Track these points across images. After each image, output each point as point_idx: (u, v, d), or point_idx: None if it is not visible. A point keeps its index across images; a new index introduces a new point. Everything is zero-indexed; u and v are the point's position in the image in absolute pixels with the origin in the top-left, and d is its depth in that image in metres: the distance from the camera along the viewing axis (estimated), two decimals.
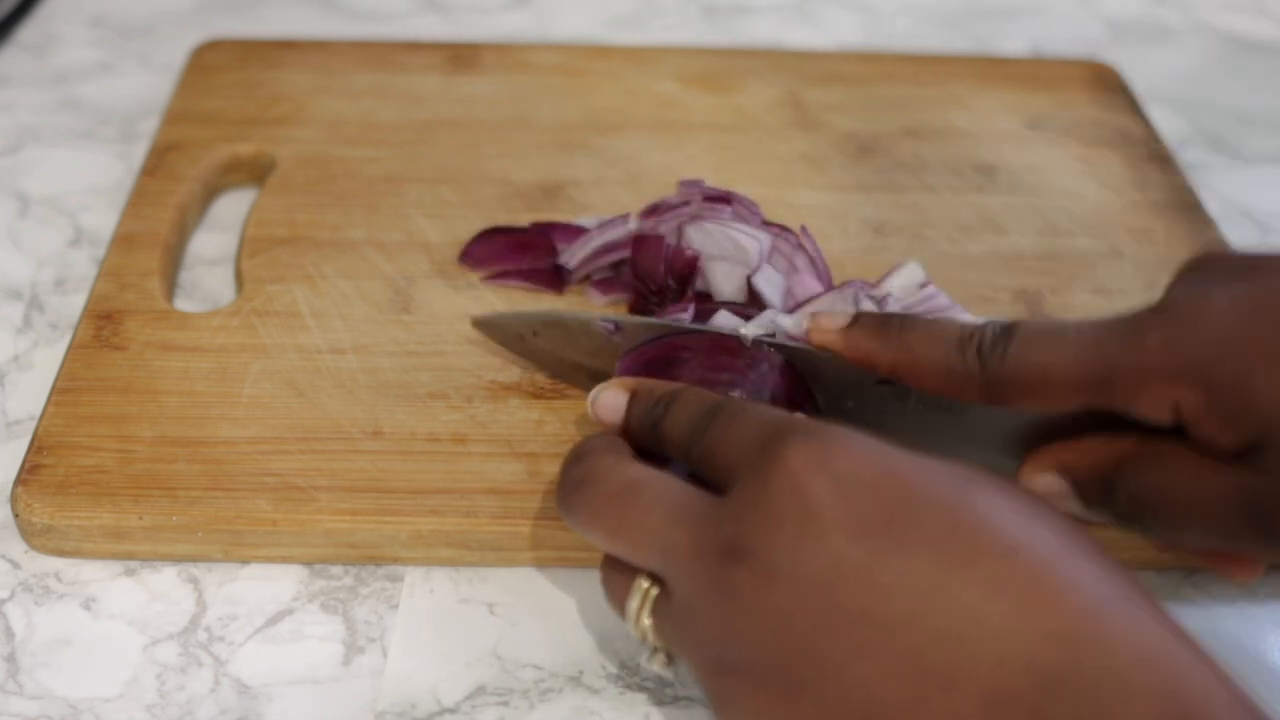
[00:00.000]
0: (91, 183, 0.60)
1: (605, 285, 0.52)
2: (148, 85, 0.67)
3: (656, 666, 0.37)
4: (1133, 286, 0.54)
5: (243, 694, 0.40)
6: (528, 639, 0.42)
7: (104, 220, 0.57)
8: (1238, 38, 0.76)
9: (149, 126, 0.63)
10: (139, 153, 0.61)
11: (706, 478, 0.37)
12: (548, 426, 0.46)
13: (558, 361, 0.47)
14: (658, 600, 0.36)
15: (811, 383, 0.44)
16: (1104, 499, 0.39)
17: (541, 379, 0.48)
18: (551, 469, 0.44)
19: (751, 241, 0.50)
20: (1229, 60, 0.74)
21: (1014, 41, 0.74)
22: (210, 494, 0.43)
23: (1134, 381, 0.37)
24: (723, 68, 0.66)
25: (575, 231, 0.53)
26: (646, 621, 0.36)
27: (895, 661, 0.30)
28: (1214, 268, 0.38)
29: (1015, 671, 0.29)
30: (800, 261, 0.50)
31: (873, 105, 0.64)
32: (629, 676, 0.41)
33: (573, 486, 0.38)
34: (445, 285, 0.52)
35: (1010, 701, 0.29)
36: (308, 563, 0.44)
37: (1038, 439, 0.41)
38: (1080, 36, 0.75)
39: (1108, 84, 0.66)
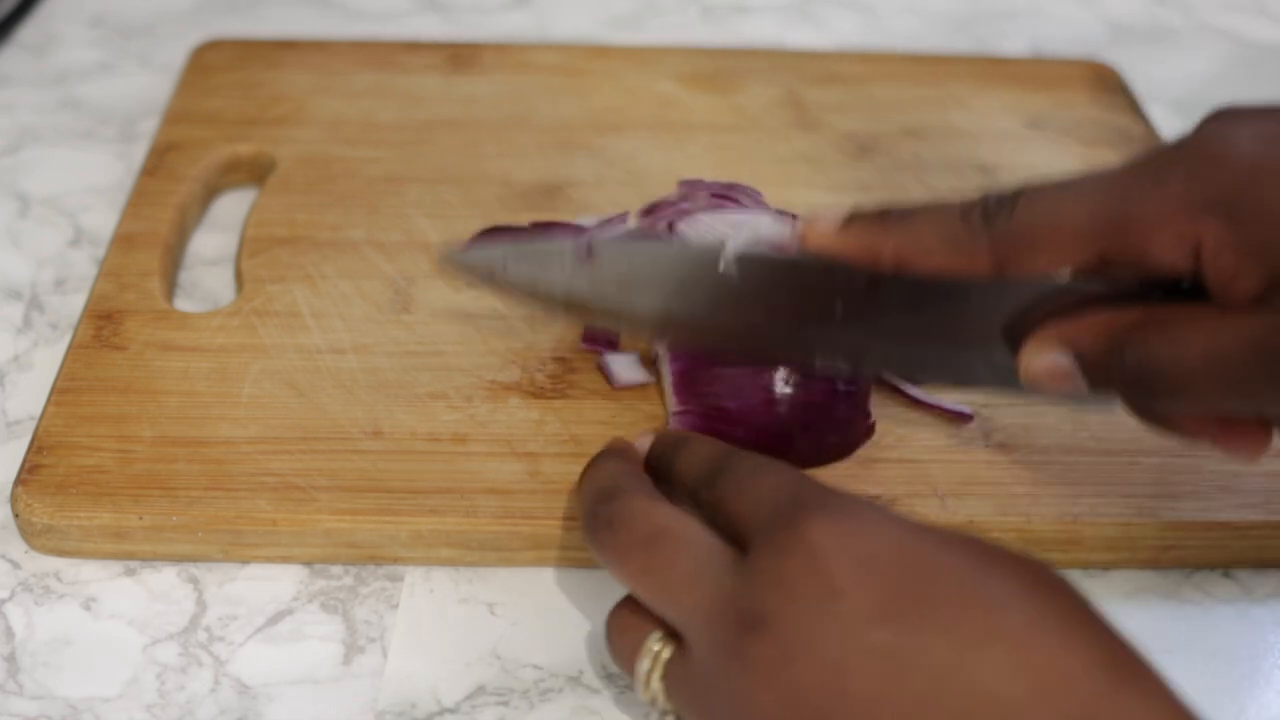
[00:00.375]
0: (91, 183, 0.60)
1: None
2: (148, 85, 0.67)
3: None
4: None
5: (243, 694, 0.40)
6: (528, 639, 0.42)
7: (104, 220, 0.57)
8: (1238, 38, 0.76)
9: (149, 126, 0.63)
10: (139, 153, 0.61)
11: (718, 525, 0.37)
12: (548, 426, 0.46)
13: (531, 294, 0.45)
14: (670, 661, 0.36)
15: (800, 296, 0.42)
16: (1110, 374, 0.37)
17: (541, 379, 0.48)
18: (552, 469, 0.44)
19: (752, 216, 0.49)
20: (1229, 61, 0.74)
21: (1014, 41, 0.74)
22: (210, 494, 0.43)
23: (1152, 221, 0.35)
24: (723, 68, 0.66)
25: (575, 231, 0.53)
26: (657, 685, 0.36)
27: None
28: (1238, 113, 0.37)
29: None
30: None
31: (873, 105, 0.64)
32: (628, 677, 0.41)
33: (603, 525, 0.38)
34: (445, 285, 0.52)
35: None
36: (308, 563, 0.44)
37: (1038, 327, 0.39)
38: (1080, 36, 0.75)
39: (1108, 84, 0.66)
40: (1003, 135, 0.62)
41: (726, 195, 0.52)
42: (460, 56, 0.66)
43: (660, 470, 0.41)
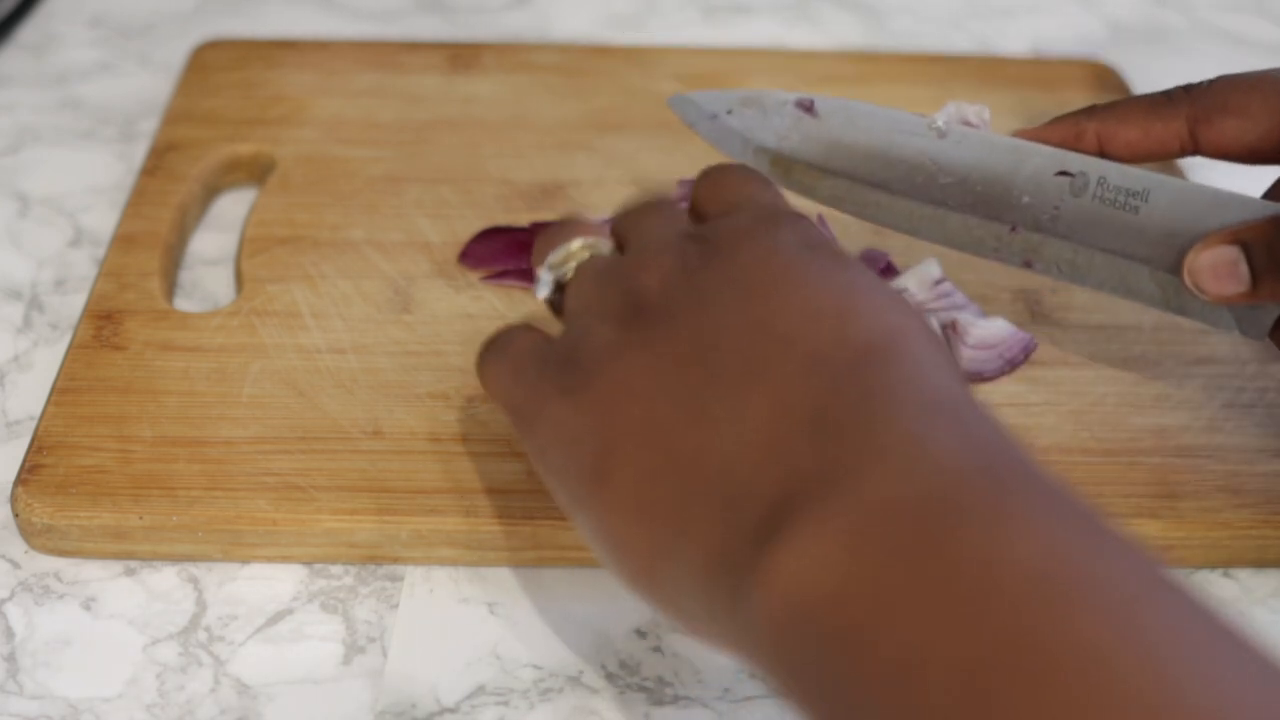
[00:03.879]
0: (91, 183, 0.60)
1: None
2: (148, 85, 0.67)
3: (547, 274, 0.40)
4: None
5: (243, 694, 0.40)
6: (528, 639, 0.42)
7: (104, 220, 0.57)
8: (1238, 38, 0.76)
9: (149, 126, 0.63)
10: (139, 153, 0.61)
11: None
12: None
13: (744, 144, 0.48)
14: (596, 255, 0.40)
15: (989, 180, 0.45)
16: (1275, 267, 0.40)
17: None
18: None
19: None
20: (1229, 61, 0.74)
21: (1014, 41, 0.74)
22: (210, 494, 0.43)
23: None
24: (723, 68, 0.66)
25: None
26: (583, 255, 0.40)
27: (755, 320, 0.33)
28: None
29: (845, 349, 0.32)
30: None
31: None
32: (628, 676, 0.41)
33: (637, 209, 0.42)
34: (445, 285, 0.52)
35: (826, 361, 0.32)
36: (308, 562, 0.44)
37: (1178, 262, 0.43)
38: (1080, 36, 0.75)
39: (1108, 84, 0.66)
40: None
41: None
42: (460, 56, 0.66)
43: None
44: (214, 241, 0.57)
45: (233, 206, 0.58)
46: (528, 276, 0.52)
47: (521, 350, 0.38)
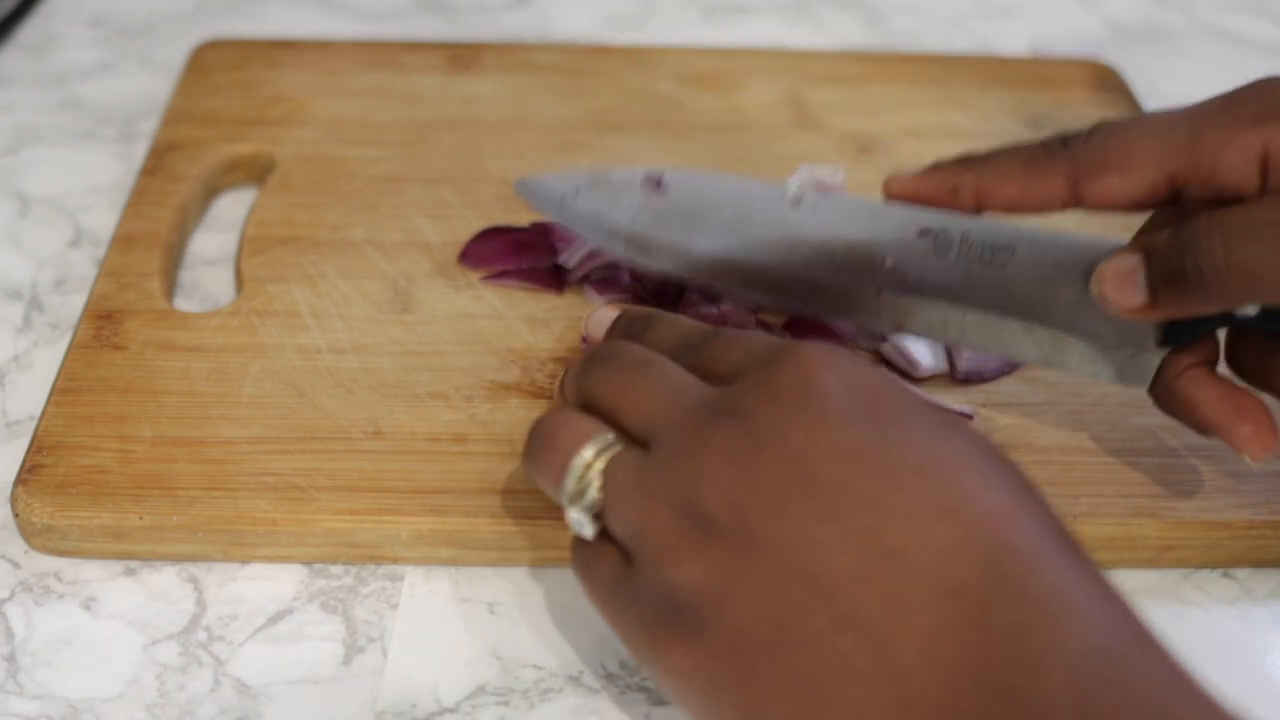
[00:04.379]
0: (91, 183, 0.60)
1: (603, 285, 0.52)
2: (148, 85, 0.67)
3: (582, 514, 0.36)
4: None
5: (243, 694, 0.40)
6: (528, 639, 0.42)
7: (104, 220, 0.57)
8: (1238, 38, 0.76)
9: (149, 126, 0.63)
10: (139, 153, 0.61)
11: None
12: None
13: (597, 226, 0.47)
14: (619, 453, 0.36)
15: (850, 245, 0.44)
16: (1173, 270, 0.38)
17: (541, 379, 0.48)
18: None
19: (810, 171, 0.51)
20: (1229, 61, 0.74)
21: (1014, 41, 0.74)
22: (210, 494, 0.43)
23: (1222, 138, 0.38)
24: (723, 68, 0.66)
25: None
26: (599, 465, 0.36)
27: (856, 531, 0.32)
28: None
29: (973, 566, 0.31)
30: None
31: (873, 105, 0.64)
32: (629, 676, 0.41)
33: (596, 360, 0.39)
34: (445, 285, 0.52)
35: (963, 592, 0.31)
36: (308, 562, 0.44)
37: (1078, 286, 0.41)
38: (1080, 36, 0.75)
39: (1108, 84, 0.66)
40: (1003, 135, 0.62)
41: None
42: (460, 56, 0.66)
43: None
44: (214, 241, 0.57)
45: (233, 206, 0.58)
46: (528, 276, 0.52)
47: (605, 579, 0.36)
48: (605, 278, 0.52)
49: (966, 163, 0.44)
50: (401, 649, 0.42)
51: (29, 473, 0.44)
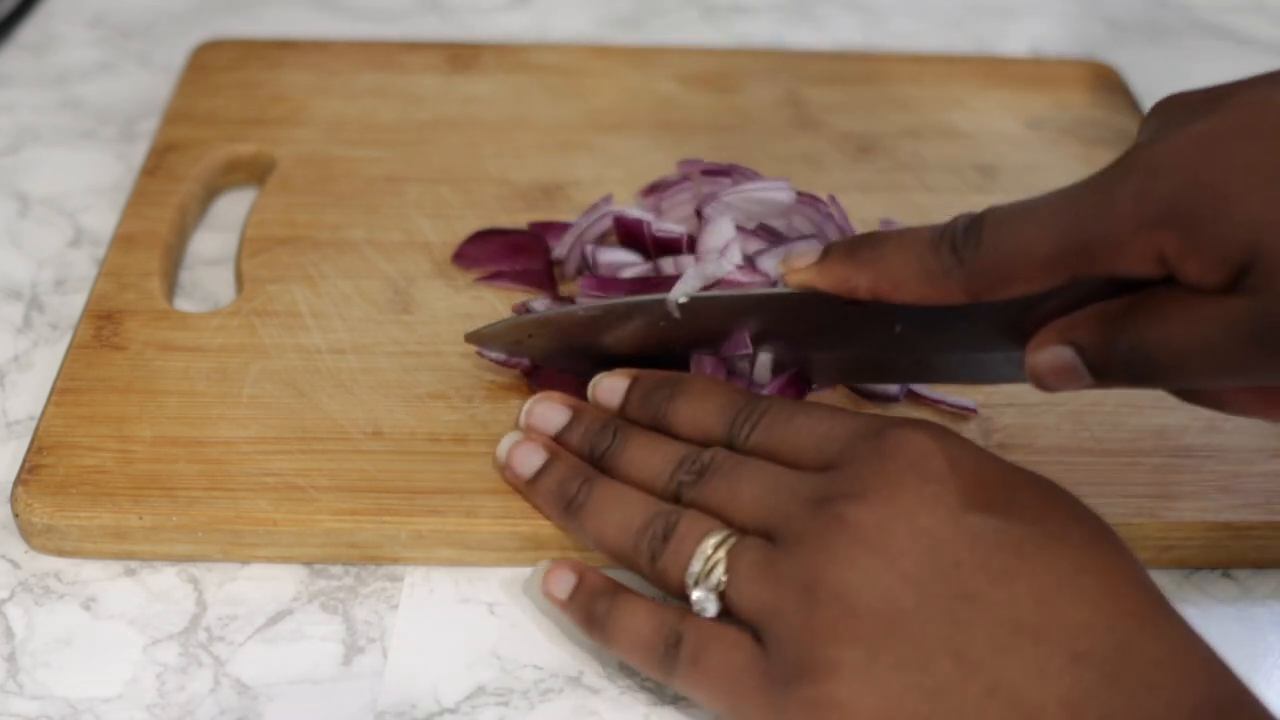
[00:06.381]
0: (91, 183, 0.60)
1: (597, 283, 0.52)
2: (148, 85, 0.67)
3: (707, 593, 0.38)
4: None
5: (243, 694, 0.40)
6: (528, 639, 0.42)
7: (104, 220, 0.57)
8: (1238, 38, 0.76)
9: (149, 126, 0.63)
10: (139, 153, 0.61)
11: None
12: None
13: (556, 353, 0.47)
14: (742, 539, 0.38)
15: (785, 329, 0.44)
16: (1111, 363, 0.38)
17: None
18: None
19: (775, 193, 0.51)
20: (1229, 61, 0.74)
21: (1014, 41, 0.74)
22: (210, 494, 0.43)
23: (1112, 242, 0.36)
24: (723, 68, 0.66)
25: (567, 229, 0.53)
26: (720, 555, 0.38)
27: (992, 607, 0.35)
28: (1171, 109, 0.37)
29: (1098, 634, 0.34)
30: (830, 230, 0.51)
31: (873, 105, 0.64)
32: (629, 676, 0.41)
33: (689, 477, 0.41)
34: (445, 285, 0.52)
35: (1092, 659, 0.34)
36: (308, 563, 0.44)
37: (1022, 335, 0.40)
38: (1080, 36, 0.75)
39: (1108, 84, 0.66)
40: (1002, 135, 0.62)
41: (722, 171, 0.54)
42: (460, 56, 0.66)
43: (648, 419, 0.43)
44: (214, 241, 0.57)
45: (233, 206, 0.58)
46: (521, 278, 0.52)
47: (731, 664, 0.37)
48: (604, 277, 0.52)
49: (858, 259, 0.41)
50: (401, 649, 0.42)
51: (29, 473, 0.44)
